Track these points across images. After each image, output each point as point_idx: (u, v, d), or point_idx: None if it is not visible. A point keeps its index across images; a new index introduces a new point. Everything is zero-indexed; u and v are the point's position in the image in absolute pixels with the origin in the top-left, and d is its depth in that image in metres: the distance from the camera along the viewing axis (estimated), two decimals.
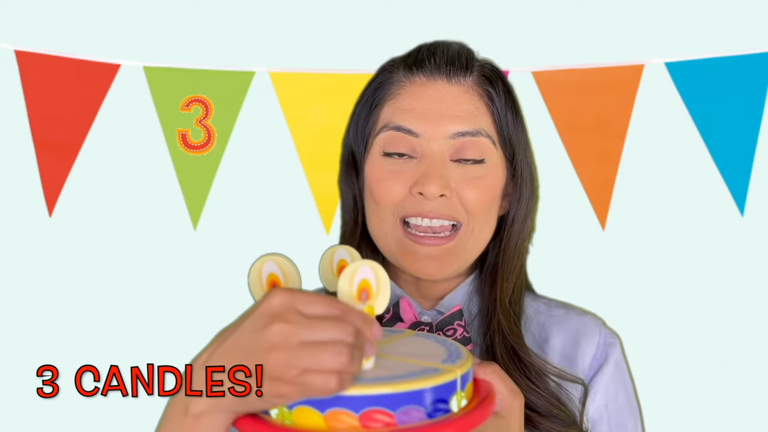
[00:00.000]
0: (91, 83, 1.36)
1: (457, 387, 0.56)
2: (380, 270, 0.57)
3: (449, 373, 0.56)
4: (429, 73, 0.80)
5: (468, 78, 0.80)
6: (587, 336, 0.84)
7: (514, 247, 0.84)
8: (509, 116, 0.81)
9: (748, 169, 1.34)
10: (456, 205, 0.78)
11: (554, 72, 1.36)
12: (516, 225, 0.83)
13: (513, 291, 0.84)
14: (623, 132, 1.35)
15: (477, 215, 0.79)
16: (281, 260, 0.62)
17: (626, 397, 0.84)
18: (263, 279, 0.62)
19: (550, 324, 0.86)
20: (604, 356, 0.84)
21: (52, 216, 1.39)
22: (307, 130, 1.38)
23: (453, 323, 0.81)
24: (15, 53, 1.34)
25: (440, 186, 0.76)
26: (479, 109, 0.79)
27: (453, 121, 0.78)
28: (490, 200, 0.80)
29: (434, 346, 0.63)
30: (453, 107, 0.78)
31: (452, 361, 0.58)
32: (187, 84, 1.38)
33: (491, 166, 0.80)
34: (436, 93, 0.79)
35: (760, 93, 1.32)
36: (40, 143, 1.36)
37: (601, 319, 0.88)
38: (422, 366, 0.57)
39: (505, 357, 0.79)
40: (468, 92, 0.79)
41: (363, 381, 0.54)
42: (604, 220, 1.37)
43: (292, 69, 1.39)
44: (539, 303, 0.89)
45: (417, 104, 0.79)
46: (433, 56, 0.81)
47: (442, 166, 0.77)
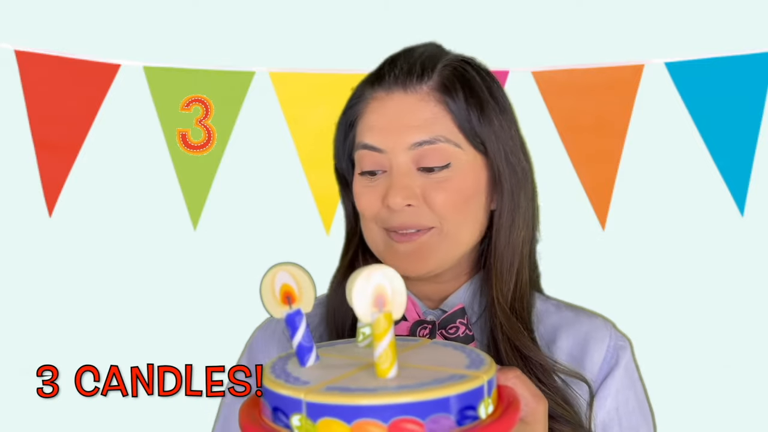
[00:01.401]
0: (91, 83, 1.36)
1: (485, 393, 0.55)
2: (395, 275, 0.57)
3: (476, 379, 0.54)
4: (387, 86, 0.81)
5: (424, 85, 0.80)
6: (597, 339, 0.84)
7: (506, 242, 0.82)
8: (473, 115, 0.80)
9: (748, 169, 1.34)
10: (425, 213, 0.79)
11: (554, 72, 1.36)
12: (503, 219, 0.82)
13: (515, 288, 0.83)
14: (623, 132, 1.35)
15: (448, 217, 0.79)
16: (295, 270, 0.59)
17: (637, 401, 0.84)
18: (276, 290, 0.60)
19: (559, 326, 0.85)
20: (614, 359, 0.83)
21: (52, 216, 1.39)
22: (307, 130, 1.38)
23: (455, 321, 0.82)
24: (15, 53, 1.34)
25: (404, 196, 0.77)
26: (437, 115, 0.79)
27: (410, 132, 0.79)
28: (459, 201, 0.80)
29: (454, 353, 0.62)
30: (409, 117, 0.79)
31: (477, 367, 0.57)
32: (187, 84, 1.39)
33: (459, 168, 0.80)
34: (393, 106, 0.80)
35: (760, 93, 1.32)
36: (40, 143, 1.36)
37: (611, 321, 0.87)
38: (447, 373, 0.56)
39: (510, 355, 0.79)
40: (424, 99, 0.80)
41: (389, 389, 0.52)
42: (604, 220, 1.37)
43: (292, 69, 1.39)
44: (548, 304, 0.88)
45: (378, 120, 0.80)
46: (393, 69, 0.82)
47: (407, 177, 0.79)
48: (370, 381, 0.54)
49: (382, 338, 0.55)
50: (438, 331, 0.81)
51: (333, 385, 0.54)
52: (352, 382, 0.54)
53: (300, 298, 0.59)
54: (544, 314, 0.86)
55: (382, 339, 0.55)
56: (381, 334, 0.55)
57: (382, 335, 0.55)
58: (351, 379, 0.55)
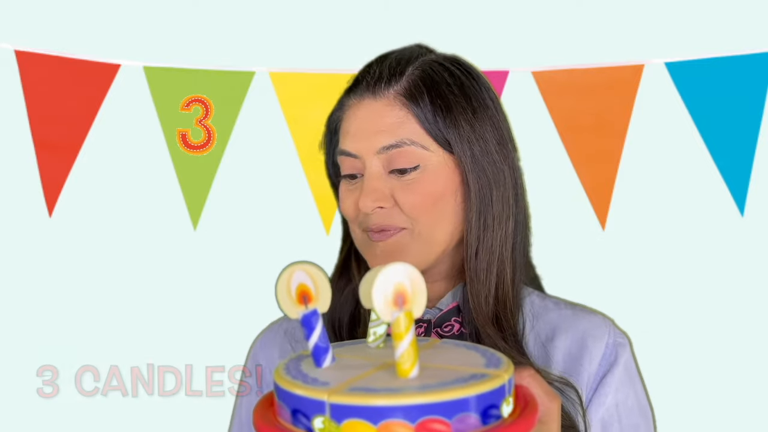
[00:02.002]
0: (91, 83, 1.36)
1: (506, 392, 0.55)
2: (416, 274, 0.56)
3: (498, 378, 0.54)
4: (360, 93, 0.83)
5: (391, 90, 0.81)
6: (595, 337, 0.84)
7: (478, 242, 0.81)
8: (438, 116, 0.80)
9: (748, 169, 1.34)
10: (397, 214, 0.80)
11: (554, 72, 1.36)
12: (473, 220, 0.81)
13: (497, 290, 0.82)
14: (623, 132, 1.35)
15: (419, 218, 0.80)
16: (312, 269, 0.58)
17: (637, 399, 0.84)
18: (292, 290, 0.58)
19: (557, 324, 0.85)
20: (613, 357, 0.83)
21: (52, 216, 1.39)
22: (307, 130, 1.38)
23: (450, 319, 0.82)
24: (15, 53, 1.34)
25: (373, 199, 0.79)
26: (402, 119, 0.80)
27: (378, 136, 0.80)
28: (429, 203, 0.80)
29: (468, 352, 0.61)
30: (377, 122, 0.80)
31: (496, 366, 0.57)
32: (187, 84, 1.38)
33: (428, 170, 0.80)
34: (363, 111, 0.82)
35: (760, 93, 1.32)
36: (40, 143, 1.36)
37: (611, 319, 0.87)
38: (469, 372, 0.55)
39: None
40: (390, 104, 0.81)
41: (414, 389, 0.51)
42: (604, 220, 1.37)
43: (292, 69, 1.39)
44: (548, 302, 0.88)
45: (351, 126, 0.82)
46: (366, 75, 0.84)
47: (377, 180, 0.80)
48: (392, 381, 0.54)
49: (403, 337, 0.54)
50: (433, 330, 0.81)
51: (356, 386, 0.53)
52: (374, 382, 0.53)
53: (317, 298, 0.58)
54: (542, 312, 0.86)
55: (403, 338, 0.54)
56: (402, 333, 0.54)
57: (402, 334, 0.54)
58: (371, 378, 0.55)
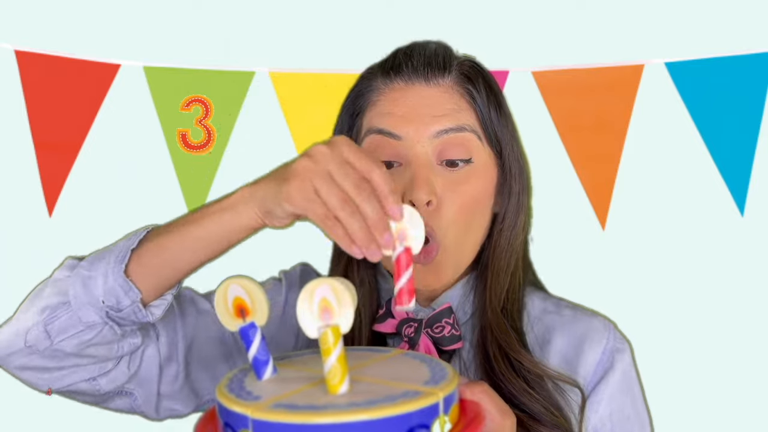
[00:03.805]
0: (91, 83, 1.36)
1: (440, 410, 0.53)
2: (340, 286, 0.56)
3: (431, 396, 0.52)
4: (407, 77, 0.79)
5: (447, 78, 0.79)
6: (593, 340, 0.81)
7: (506, 244, 0.82)
8: (492, 113, 0.80)
9: (748, 169, 1.34)
10: (436, 219, 0.77)
11: (554, 72, 1.36)
12: (507, 222, 0.82)
13: (509, 289, 0.82)
14: (623, 132, 1.35)
15: (458, 222, 0.78)
16: (247, 283, 0.59)
17: (634, 408, 0.81)
18: (229, 303, 0.59)
19: (555, 325, 0.83)
20: (609, 363, 0.80)
21: (52, 216, 1.39)
22: (307, 130, 1.38)
23: (441, 320, 0.80)
24: (15, 53, 1.34)
25: (427, 192, 0.75)
26: (461, 107, 0.78)
27: (435, 121, 0.77)
28: (472, 208, 0.79)
29: (419, 366, 0.60)
30: (434, 107, 0.77)
31: (435, 383, 0.55)
32: (187, 84, 1.38)
33: (479, 167, 0.79)
34: (415, 97, 0.78)
35: (760, 93, 1.32)
36: (40, 143, 1.36)
37: (613, 322, 0.85)
38: (402, 389, 0.54)
39: (498, 357, 0.78)
40: (448, 92, 0.79)
41: (337, 407, 0.51)
42: (604, 220, 1.37)
43: (292, 69, 1.39)
44: (548, 303, 0.87)
45: (396, 108, 0.78)
46: (410, 59, 0.80)
47: (428, 170, 0.76)
48: (319, 398, 0.53)
49: (330, 353, 0.54)
50: (424, 330, 0.79)
51: (281, 402, 0.52)
52: (301, 399, 0.53)
53: (253, 311, 0.59)
54: (541, 313, 0.85)
55: (331, 354, 0.54)
56: (329, 348, 0.54)
57: (330, 349, 0.54)
58: (302, 395, 0.54)
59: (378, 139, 0.78)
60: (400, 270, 0.62)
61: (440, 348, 0.80)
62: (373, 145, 0.79)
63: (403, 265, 0.62)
